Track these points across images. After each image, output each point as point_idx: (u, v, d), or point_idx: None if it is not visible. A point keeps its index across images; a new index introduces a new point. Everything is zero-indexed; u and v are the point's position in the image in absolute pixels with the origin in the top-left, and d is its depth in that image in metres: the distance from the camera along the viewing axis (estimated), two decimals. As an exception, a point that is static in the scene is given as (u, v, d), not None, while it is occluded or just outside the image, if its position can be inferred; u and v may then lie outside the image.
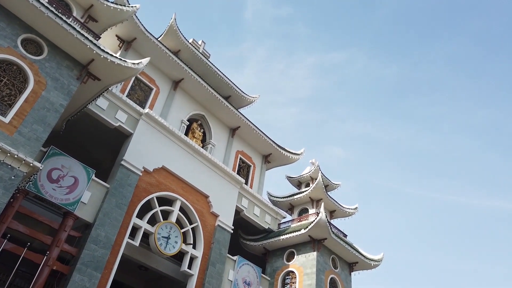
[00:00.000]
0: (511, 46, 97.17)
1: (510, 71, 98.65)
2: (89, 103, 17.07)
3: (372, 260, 27.04)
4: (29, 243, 14.10)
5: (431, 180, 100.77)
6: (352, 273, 27.24)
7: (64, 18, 14.29)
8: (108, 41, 23.12)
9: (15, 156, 12.39)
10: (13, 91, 13.58)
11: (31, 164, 12.80)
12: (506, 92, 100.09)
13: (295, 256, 25.37)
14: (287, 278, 25.01)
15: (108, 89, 16.52)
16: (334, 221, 30.85)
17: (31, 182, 14.45)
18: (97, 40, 15.80)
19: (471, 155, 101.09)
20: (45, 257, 14.30)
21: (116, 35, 23.21)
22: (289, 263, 25.37)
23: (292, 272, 24.92)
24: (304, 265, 24.45)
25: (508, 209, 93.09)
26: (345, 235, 27.71)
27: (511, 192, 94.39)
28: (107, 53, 15.00)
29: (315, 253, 24.48)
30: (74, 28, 14.41)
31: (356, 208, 31.01)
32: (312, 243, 24.91)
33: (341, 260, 26.60)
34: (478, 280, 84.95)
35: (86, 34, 14.73)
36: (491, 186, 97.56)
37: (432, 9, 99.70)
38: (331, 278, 24.94)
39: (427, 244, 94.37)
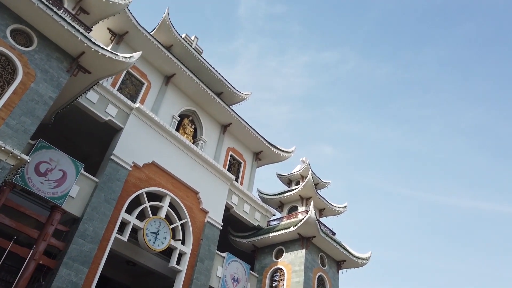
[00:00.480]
0: (500, 49, 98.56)
1: (499, 74, 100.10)
2: (79, 96, 16.87)
3: (359, 258, 27.30)
4: (15, 237, 13.93)
5: (420, 180, 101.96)
6: (340, 271, 27.48)
7: (54, 9, 14.08)
8: (99, 34, 22.85)
9: (2, 148, 12.20)
10: (1, 82, 13.34)
11: (19, 157, 12.62)
12: (494, 95, 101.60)
13: (284, 253, 25.48)
14: (276, 275, 25.12)
15: (98, 82, 16.37)
16: (323, 219, 31.05)
17: (18, 175, 14.26)
18: (88, 33, 15.61)
19: (459, 156, 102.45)
20: (32, 251, 14.14)
21: (108, 28, 22.95)
22: (278, 260, 25.48)
23: (281, 269, 25.03)
24: (292, 263, 24.57)
25: (494, 210, 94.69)
26: (334, 233, 27.91)
27: (497, 194, 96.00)
28: (98, 46, 14.83)
29: (303, 250, 24.62)
30: (65, 20, 14.21)
31: (345, 206, 31.24)
32: (301, 240, 25.04)
33: (329, 258, 26.80)
34: (464, 280, 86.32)
35: (77, 26, 14.54)
36: (478, 187, 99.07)
37: (424, 11, 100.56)
38: (319, 275, 25.12)
39: (415, 243, 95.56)
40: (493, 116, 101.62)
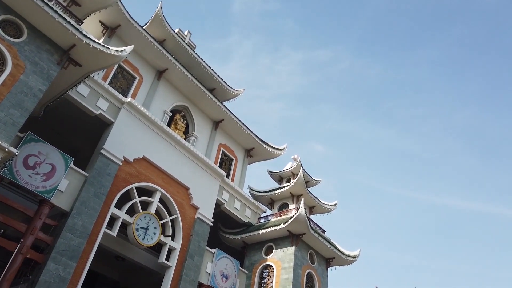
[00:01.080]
0: (491, 51, 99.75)
1: (488, 75, 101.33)
2: (70, 90, 16.69)
3: (348, 256, 27.52)
4: (2, 230, 13.79)
5: (410, 180, 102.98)
6: (329, 269, 27.68)
7: (45, 0, 13.87)
8: (91, 27, 22.59)
9: (-10, 140, 12.02)
10: (-11, 73, 13.13)
11: (7, 149, 12.44)
12: (484, 96, 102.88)
13: (274, 250, 25.56)
14: (265, 272, 25.20)
15: (89, 75, 16.17)
16: (313, 217, 31.22)
17: (6, 168, 14.07)
18: (80, 25, 15.44)
19: (449, 156, 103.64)
20: (19, 245, 14.00)
21: (100, 21, 22.70)
22: (267, 257, 25.56)
23: (270, 266, 25.12)
24: (282, 260, 24.68)
25: (483, 210, 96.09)
26: (324, 231, 28.09)
27: (486, 194, 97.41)
28: (90, 38, 14.66)
29: (293, 247, 24.73)
30: (56, 12, 14.01)
31: (335, 204, 31.44)
32: (291, 238, 25.14)
33: (318, 255, 26.96)
34: (452, 278, 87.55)
35: (68, 18, 14.34)
36: (467, 187, 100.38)
37: (417, 12, 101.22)
38: (308, 272, 25.26)
39: (404, 242, 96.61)
40: (483, 117, 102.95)
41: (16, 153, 12.81)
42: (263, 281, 24.84)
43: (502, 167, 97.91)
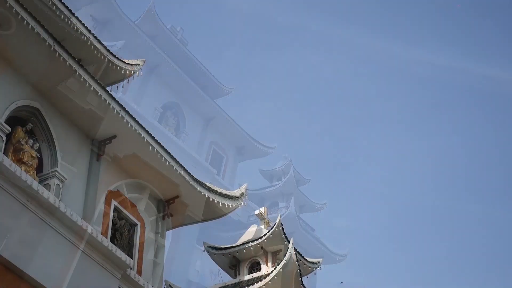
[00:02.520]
0: (483, 52, 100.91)
1: (479, 78, 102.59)
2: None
3: (337, 254, 27.70)
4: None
5: (401, 180, 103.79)
6: (318, 268, 27.80)
7: (35, -7, 13.67)
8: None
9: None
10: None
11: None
12: (474, 98, 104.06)
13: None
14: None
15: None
16: (303, 215, 31.31)
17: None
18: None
19: (440, 157, 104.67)
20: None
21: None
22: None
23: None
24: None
25: (472, 211, 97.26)
26: (313, 229, 28.23)
27: (478, 195, 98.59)
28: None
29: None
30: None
31: (325, 203, 31.58)
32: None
33: (307, 253, 27.06)
34: (439, 279, 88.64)
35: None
36: (460, 188, 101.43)
37: (410, 12, 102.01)
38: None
39: (393, 242, 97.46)
40: (472, 119, 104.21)
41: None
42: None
43: (491, 168, 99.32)
